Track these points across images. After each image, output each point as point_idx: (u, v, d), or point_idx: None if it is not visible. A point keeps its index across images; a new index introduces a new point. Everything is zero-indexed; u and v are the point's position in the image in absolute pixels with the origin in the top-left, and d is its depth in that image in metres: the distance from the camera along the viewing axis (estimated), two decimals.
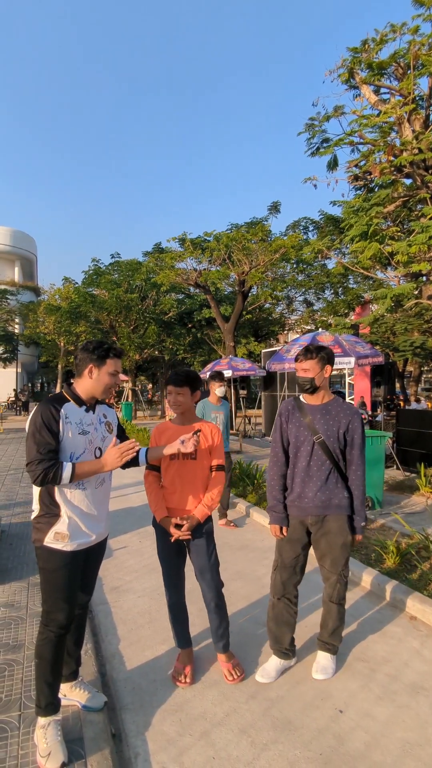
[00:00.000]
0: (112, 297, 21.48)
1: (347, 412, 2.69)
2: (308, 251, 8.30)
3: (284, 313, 28.36)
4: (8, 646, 2.94)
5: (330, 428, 2.66)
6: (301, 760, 2.10)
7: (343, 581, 2.73)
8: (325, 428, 2.66)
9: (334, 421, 2.67)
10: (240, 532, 5.49)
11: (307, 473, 2.69)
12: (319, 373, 2.69)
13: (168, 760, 2.11)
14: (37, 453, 2.00)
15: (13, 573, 4.14)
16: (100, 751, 2.09)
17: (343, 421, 2.66)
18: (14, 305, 30.51)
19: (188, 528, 2.56)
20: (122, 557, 4.64)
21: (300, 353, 2.75)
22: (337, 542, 2.66)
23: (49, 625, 2.13)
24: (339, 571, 2.70)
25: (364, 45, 7.71)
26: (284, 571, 2.77)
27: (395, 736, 2.25)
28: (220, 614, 2.70)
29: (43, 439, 2.03)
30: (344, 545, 2.67)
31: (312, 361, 2.69)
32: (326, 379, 2.73)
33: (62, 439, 2.09)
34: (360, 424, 2.69)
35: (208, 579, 2.67)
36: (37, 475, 1.99)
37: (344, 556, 2.69)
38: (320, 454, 2.66)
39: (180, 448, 2.38)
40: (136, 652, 2.98)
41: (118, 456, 2.11)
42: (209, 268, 17.25)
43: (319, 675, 2.69)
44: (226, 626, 2.73)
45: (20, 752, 2.08)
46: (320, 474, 2.66)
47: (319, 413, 2.70)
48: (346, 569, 2.73)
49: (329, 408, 2.71)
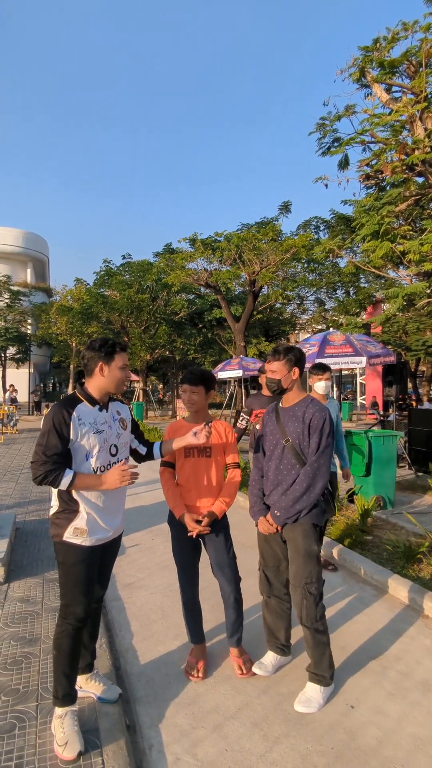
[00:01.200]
0: (123, 297, 21.61)
1: (311, 409, 2.54)
2: (319, 251, 8.29)
3: (295, 313, 28.29)
4: (25, 640, 3.01)
5: (296, 429, 2.55)
6: (312, 753, 2.13)
7: (309, 598, 2.44)
8: (291, 430, 2.56)
9: (299, 422, 2.55)
10: (251, 530, 5.51)
11: (276, 476, 2.63)
12: (286, 375, 2.58)
13: (182, 752, 2.15)
14: (43, 455, 2.07)
15: (29, 569, 4.21)
16: (115, 741, 2.14)
17: (306, 419, 2.52)
18: (27, 306, 30.84)
19: (207, 523, 2.60)
20: (135, 555, 4.70)
21: (269, 353, 2.66)
22: (299, 551, 2.50)
23: (68, 618, 2.18)
24: (302, 585, 2.46)
25: (376, 43, 7.67)
26: (267, 569, 2.76)
27: (406, 732, 2.27)
28: (237, 608, 2.74)
29: (51, 442, 2.08)
30: (307, 555, 2.48)
31: (279, 362, 2.59)
32: (295, 381, 2.61)
33: (76, 441, 2.14)
34: (321, 419, 2.49)
35: (227, 574, 2.71)
36: (37, 475, 2.06)
37: (308, 567, 2.47)
38: (290, 458, 2.57)
39: (192, 440, 2.42)
40: (150, 647, 3.02)
41: (118, 478, 2.15)
42: (220, 269, 17.29)
43: (300, 707, 2.38)
44: (241, 621, 2.77)
45: (38, 741, 2.13)
46: (288, 478, 2.56)
47: (288, 415, 2.62)
48: (312, 584, 2.45)
49: (296, 409, 2.60)
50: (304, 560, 2.48)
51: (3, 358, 29.13)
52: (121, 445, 2.34)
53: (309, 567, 2.47)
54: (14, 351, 29.55)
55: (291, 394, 2.64)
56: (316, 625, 2.45)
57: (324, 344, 8.39)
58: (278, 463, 2.62)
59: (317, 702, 2.42)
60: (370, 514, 5.38)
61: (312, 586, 2.46)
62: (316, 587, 2.47)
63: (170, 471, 2.79)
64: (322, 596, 2.52)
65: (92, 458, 2.17)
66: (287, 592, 2.71)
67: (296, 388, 2.63)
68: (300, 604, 2.48)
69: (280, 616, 2.74)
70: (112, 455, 2.26)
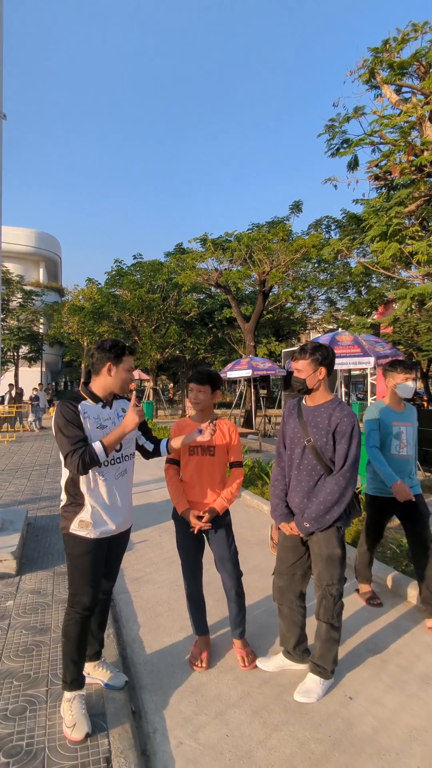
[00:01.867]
0: (134, 297, 21.78)
1: (338, 413, 2.46)
2: (327, 251, 8.33)
3: (306, 313, 28.25)
4: (36, 629, 3.12)
5: (320, 431, 2.49)
6: (310, 740, 2.21)
7: (329, 599, 2.49)
8: (315, 431, 2.51)
9: (324, 423, 2.48)
10: (258, 528, 5.59)
11: (296, 478, 2.59)
12: (312, 375, 2.52)
13: (184, 736, 2.24)
14: (71, 445, 2.15)
15: (40, 562, 4.34)
16: (121, 725, 2.23)
17: (333, 423, 2.46)
18: (39, 306, 31.19)
19: (208, 519, 2.69)
20: (143, 550, 4.80)
21: (296, 351, 2.61)
22: (321, 555, 2.50)
23: (75, 606, 2.29)
24: (324, 586, 2.50)
25: (385, 45, 7.69)
26: (280, 577, 2.72)
27: (403, 723, 2.33)
28: (239, 602, 2.81)
29: (72, 432, 2.18)
30: (330, 559, 2.48)
31: (304, 361, 2.53)
32: (321, 381, 2.54)
33: (84, 432, 2.23)
34: (350, 425, 2.43)
35: (229, 568, 2.79)
36: (76, 464, 2.13)
37: (330, 570, 2.49)
38: (310, 459, 2.52)
39: (197, 438, 2.51)
40: (156, 638, 3.12)
41: (135, 413, 2.20)
42: (230, 268, 17.37)
43: (299, 697, 2.46)
44: (244, 614, 2.84)
45: (48, 723, 2.24)
46: (309, 480, 2.53)
47: (312, 415, 2.55)
48: (333, 586, 2.49)
49: (322, 410, 2.53)
50: (327, 564, 2.49)
51: (16, 356, 29.49)
52: (126, 441, 2.43)
53: (331, 570, 2.49)
54: (27, 350, 29.91)
55: (317, 394, 2.58)
56: (332, 621, 2.51)
57: (332, 344, 8.42)
58: (298, 463, 2.58)
59: (316, 693, 2.49)
60: None
61: (333, 588, 2.49)
62: (337, 588, 2.50)
63: (175, 468, 2.88)
64: (342, 595, 2.54)
65: None
66: (301, 603, 2.70)
67: (322, 388, 2.57)
68: (320, 602, 2.54)
69: (291, 625, 2.70)
70: (116, 450, 2.35)
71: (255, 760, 2.10)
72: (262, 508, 6.33)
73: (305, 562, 2.66)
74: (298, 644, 2.71)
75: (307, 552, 2.64)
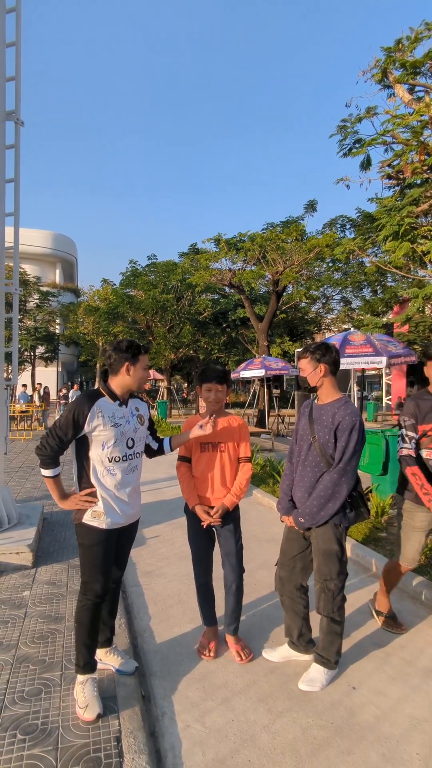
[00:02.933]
0: (148, 297, 22.00)
1: (342, 411, 2.50)
2: (339, 251, 8.36)
3: (320, 312, 28.17)
4: (51, 618, 3.25)
5: (324, 428, 2.54)
6: (313, 727, 2.28)
7: (328, 593, 2.55)
8: (319, 428, 2.57)
9: (328, 421, 2.53)
10: (268, 525, 5.67)
11: (300, 473, 2.65)
12: (312, 373, 2.58)
13: (191, 720, 2.33)
14: (53, 430, 2.34)
15: (55, 555, 4.48)
16: (131, 708, 2.34)
17: (336, 420, 2.50)
18: (55, 306, 31.65)
19: (218, 514, 2.76)
20: (155, 545, 4.91)
21: (300, 351, 2.67)
22: (319, 550, 2.57)
23: (87, 594, 2.40)
24: (321, 581, 2.56)
25: (398, 44, 7.70)
26: (282, 568, 2.78)
27: (405, 713, 2.39)
28: (238, 597, 2.87)
29: (64, 424, 2.32)
30: (327, 554, 2.54)
31: (305, 359, 2.60)
32: (324, 378, 2.59)
33: (93, 431, 2.35)
34: (350, 424, 2.45)
35: (232, 562, 2.86)
36: (42, 445, 2.35)
37: (327, 565, 2.54)
38: (315, 456, 2.58)
39: (198, 432, 2.61)
40: (165, 628, 3.22)
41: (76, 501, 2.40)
42: (244, 268, 17.43)
43: (304, 686, 2.54)
44: (240, 610, 2.90)
45: (62, 705, 2.35)
46: (311, 476, 2.59)
47: (319, 413, 2.61)
48: (331, 581, 2.54)
49: (328, 408, 2.58)
50: (324, 559, 2.55)
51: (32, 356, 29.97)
52: (138, 439, 2.53)
53: (329, 565, 2.54)
54: (43, 350, 30.37)
55: (323, 392, 2.62)
56: (333, 615, 2.56)
57: (344, 344, 8.44)
58: (304, 459, 2.64)
59: (320, 682, 2.56)
60: (386, 512, 5.46)
61: (331, 583, 2.54)
62: (335, 584, 2.54)
63: (186, 465, 2.96)
64: (341, 590, 2.57)
65: (108, 448, 2.38)
66: (301, 594, 2.75)
67: (328, 386, 2.60)
68: (318, 596, 2.59)
69: (293, 615, 2.76)
70: (129, 447, 2.46)
71: (259, 743, 2.18)
72: (273, 506, 6.40)
73: (307, 555, 2.72)
74: (301, 635, 2.78)
75: (309, 546, 2.70)
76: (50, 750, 2.06)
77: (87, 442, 2.39)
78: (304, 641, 2.79)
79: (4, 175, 4.80)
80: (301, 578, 2.75)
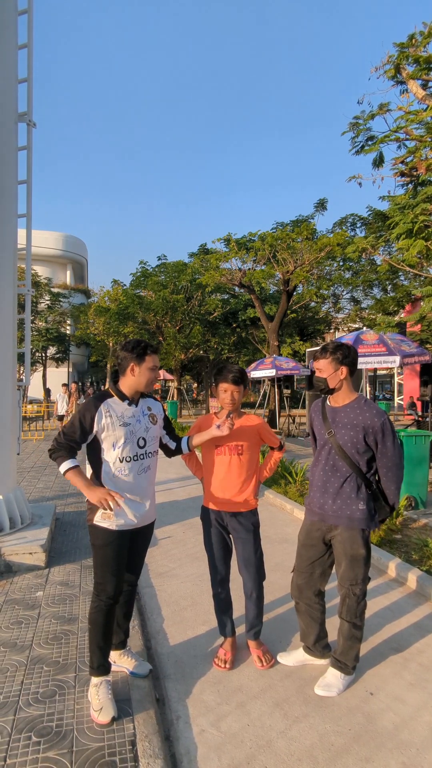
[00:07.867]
0: (158, 298, 22.02)
1: (367, 414, 2.45)
2: (352, 250, 8.27)
3: (330, 312, 27.99)
4: (64, 619, 3.24)
5: (347, 432, 2.47)
6: (330, 733, 2.24)
7: (353, 598, 2.50)
8: (342, 432, 2.49)
9: (352, 424, 2.47)
10: (280, 526, 5.62)
11: (321, 478, 2.59)
12: (333, 374, 2.51)
13: (207, 724, 2.30)
14: (63, 433, 2.38)
15: (68, 556, 4.48)
16: (145, 711, 2.31)
17: (364, 424, 2.44)
18: (66, 307, 31.84)
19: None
20: (167, 546, 4.89)
21: (318, 351, 2.59)
22: (345, 554, 2.50)
23: (100, 595, 2.38)
24: (347, 586, 2.51)
25: (411, 40, 7.60)
26: (299, 575, 2.71)
27: (424, 720, 2.34)
28: (258, 605, 2.81)
29: (73, 427, 2.34)
30: (354, 559, 2.48)
31: (325, 360, 2.52)
32: (343, 380, 2.54)
33: (103, 432, 2.34)
34: (383, 425, 2.43)
35: (252, 571, 2.77)
36: (50, 447, 2.41)
37: (354, 570, 2.49)
38: (336, 459, 2.52)
39: (215, 433, 2.57)
40: (179, 630, 3.19)
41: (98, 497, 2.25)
42: (254, 268, 17.37)
43: (320, 691, 2.50)
44: (261, 615, 2.84)
45: (76, 707, 2.34)
46: (334, 480, 2.53)
47: (337, 416, 2.54)
48: (356, 586, 2.50)
49: (348, 410, 2.51)
50: (350, 564, 2.49)
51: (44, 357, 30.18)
52: (150, 438, 2.50)
53: (355, 570, 2.49)
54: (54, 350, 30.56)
55: (340, 393, 2.56)
56: (355, 620, 2.51)
57: (357, 344, 8.36)
58: (324, 464, 2.57)
59: (337, 687, 2.51)
60: (401, 513, 5.38)
61: (356, 588, 2.50)
62: (361, 588, 2.51)
63: (195, 457, 3.02)
64: (365, 595, 2.53)
65: (119, 448, 2.36)
66: (319, 600, 2.70)
67: (345, 387, 2.56)
68: (343, 600, 2.54)
69: (310, 621, 2.71)
70: (140, 447, 2.43)
71: (275, 749, 2.14)
72: (285, 507, 6.35)
73: (325, 561, 2.66)
74: (318, 640, 2.73)
75: (328, 551, 2.64)
76: (65, 753, 2.04)
77: (98, 444, 2.38)
78: (320, 646, 2.74)
79: (16, 176, 4.81)
80: (320, 584, 2.69)
